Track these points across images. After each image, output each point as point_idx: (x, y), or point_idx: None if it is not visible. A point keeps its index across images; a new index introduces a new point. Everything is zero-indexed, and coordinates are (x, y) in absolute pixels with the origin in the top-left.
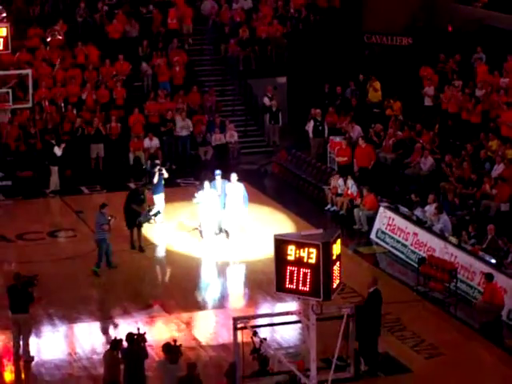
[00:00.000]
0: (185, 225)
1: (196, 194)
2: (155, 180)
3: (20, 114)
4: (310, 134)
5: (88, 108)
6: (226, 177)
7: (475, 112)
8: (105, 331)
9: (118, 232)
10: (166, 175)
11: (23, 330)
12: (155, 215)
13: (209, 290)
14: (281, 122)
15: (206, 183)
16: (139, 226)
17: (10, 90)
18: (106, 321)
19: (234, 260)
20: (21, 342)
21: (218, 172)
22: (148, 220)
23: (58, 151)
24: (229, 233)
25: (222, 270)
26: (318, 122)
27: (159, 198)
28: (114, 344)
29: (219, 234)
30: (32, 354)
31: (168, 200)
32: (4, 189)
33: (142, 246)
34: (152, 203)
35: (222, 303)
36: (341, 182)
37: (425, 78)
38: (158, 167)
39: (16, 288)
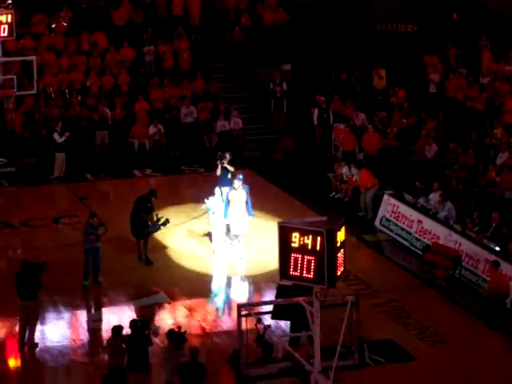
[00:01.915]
0: (195, 230)
1: (206, 200)
2: (218, 173)
3: (25, 101)
4: (315, 122)
5: (92, 95)
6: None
7: (480, 99)
8: (109, 318)
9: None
10: (230, 169)
11: (30, 317)
12: (164, 224)
13: (213, 278)
14: (285, 109)
15: (217, 189)
16: (147, 237)
17: (14, 77)
18: (111, 308)
19: (239, 249)
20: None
21: (240, 176)
22: (157, 230)
23: (57, 137)
24: (233, 241)
25: (226, 259)
26: (323, 109)
27: (224, 191)
28: (115, 331)
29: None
30: (36, 340)
31: (173, 186)
32: (8, 175)
33: (148, 258)
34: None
35: (226, 290)
36: (346, 169)
37: (429, 64)
38: (220, 160)
39: (24, 275)
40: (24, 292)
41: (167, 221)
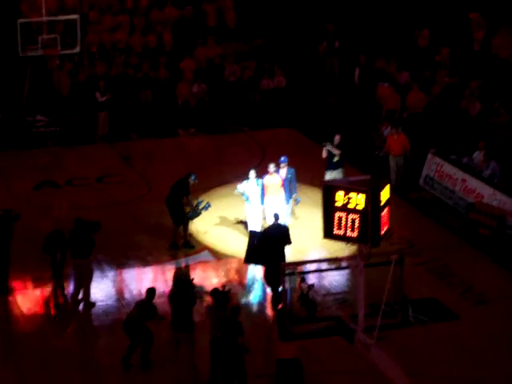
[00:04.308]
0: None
1: (238, 185)
2: (323, 155)
3: (69, 61)
4: (356, 81)
5: (136, 54)
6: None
7: None
8: (154, 277)
9: None
10: (335, 152)
11: (84, 276)
12: (205, 208)
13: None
14: (328, 67)
15: (252, 172)
16: (187, 222)
17: (58, 36)
18: (155, 266)
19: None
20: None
21: (283, 159)
22: (197, 215)
23: (99, 97)
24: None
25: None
26: (364, 68)
27: (330, 175)
28: (150, 293)
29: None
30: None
31: (216, 146)
32: (52, 134)
33: (188, 241)
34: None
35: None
36: (388, 130)
37: (473, 22)
38: (325, 142)
39: (77, 233)
40: (77, 250)
41: (208, 205)
